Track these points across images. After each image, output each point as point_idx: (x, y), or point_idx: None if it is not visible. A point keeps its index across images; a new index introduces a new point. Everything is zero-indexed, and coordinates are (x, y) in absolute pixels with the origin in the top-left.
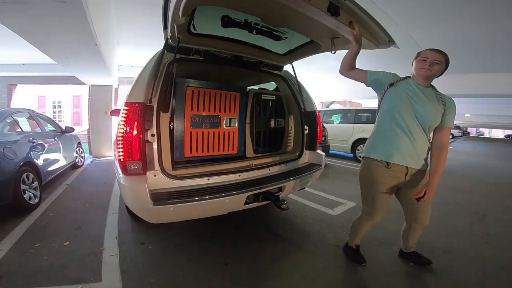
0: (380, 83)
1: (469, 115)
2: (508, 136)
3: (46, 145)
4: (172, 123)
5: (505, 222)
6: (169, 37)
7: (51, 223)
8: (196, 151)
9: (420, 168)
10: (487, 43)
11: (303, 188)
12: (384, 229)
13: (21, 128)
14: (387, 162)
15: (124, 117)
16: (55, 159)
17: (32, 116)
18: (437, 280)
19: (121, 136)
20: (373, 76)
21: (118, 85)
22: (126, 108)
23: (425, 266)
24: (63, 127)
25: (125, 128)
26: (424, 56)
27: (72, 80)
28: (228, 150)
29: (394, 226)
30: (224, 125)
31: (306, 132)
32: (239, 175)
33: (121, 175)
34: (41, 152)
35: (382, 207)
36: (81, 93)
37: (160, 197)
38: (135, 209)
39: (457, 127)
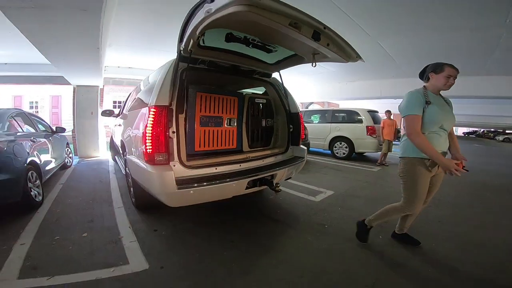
0: (422, 107)
1: None
2: (465, 133)
3: (43, 145)
4: (186, 122)
5: (455, 206)
6: (182, 49)
7: (62, 218)
8: (204, 146)
9: None
10: (445, 49)
11: (289, 178)
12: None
13: (21, 128)
14: (428, 159)
15: (153, 117)
16: (51, 158)
17: (27, 116)
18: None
19: (151, 133)
20: (420, 111)
21: (104, 86)
22: (154, 110)
23: (415, 246)
24: (54, 128)
25: (154, 126)
26: (449, 74)
27: (54, 80)
28: (229, 145)
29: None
30: (225, 124)
31: (291, 130)
32: (240, 165)
33: (147, 166)
34: (40, 152)
35: (423, 198)
36: (59, 93)
37: (181, 183)
38: (160, 193)
39: None
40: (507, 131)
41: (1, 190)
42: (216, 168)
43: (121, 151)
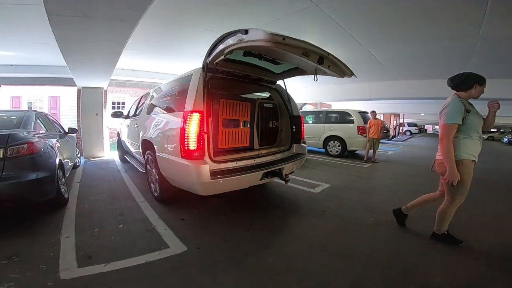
0: (462, 116)
1: (423, 114)
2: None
3: (63, 145)
4: (212, 124)
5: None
6: (208, 62)
7: (93, 213)
8: (225, 144)
9: None
10: (427, 56)
11: (291, 172)
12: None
13: (46, 129)
14: (474, 161)
15: (192, 120)
16: (69, 158)
17: (46, 117)
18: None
19: (189, 133)
20: (460, 120)
21: (107, 87)
22: (192, 114)
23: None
24: (66, 128)
25: (192, 128)
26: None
27: (58, 81)
28: (243, 143)
29: None
30: (241, 126)
31: (293, 130)
32: (254, 160)
33: (185, 161)
34: (62, 151)
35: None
36: (58, 94)
37: (212, 174)
38: (196, 183)
39: (414, 125)
40: (491, 130)
41: (43, 186)
42: (236, 163)
43: (140, 150)
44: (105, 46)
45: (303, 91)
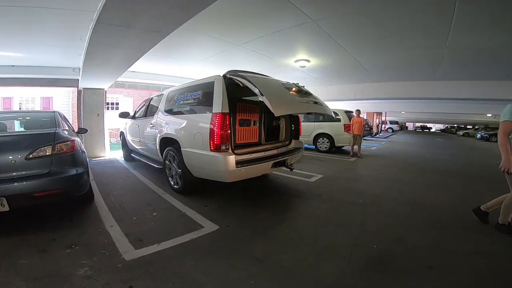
0: None
1: (403, 112)
2: (420, 127)
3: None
4: (232, 123)
5: (410, 183)
6: (226, 73)
7: (123, 205)
8: (241, 139)
9: None
10: (405, 62)
11: (293, 163)
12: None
13: (71, 128)
14: None
15: (219, 120)
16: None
17: (64, 117)
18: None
19: (218, 130)
20: None
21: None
22: (220, 115)
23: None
24: (76, 128)
25: (220, 126)
26: None
27: (58, 82)
28: (254, 139)
29: None
30: (252, 124)
31: (293, 128)
32: (264, 153)
33: (214, 154)
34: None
35: None
36: (51, 95)
37: (237, 163)
38: (224, 171)
39: (396, 123)
40: (467, 127)
41: (81, 181)
42: (251, 155)
43: (157, 148)
44: (131, 52)
45: None
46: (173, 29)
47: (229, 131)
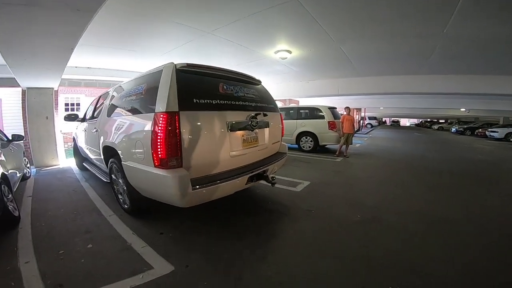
0: None
1: (382, 108)
2: (393, 122)
3: (7, 155)
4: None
5: (407, 187)
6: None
7: (52, 231)
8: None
9: None
10: (391, 53)
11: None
12: None
13: None
14: None
15: (165, 123)
16: (16, 169)
17: None
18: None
19: (164, 137)
20: None
21: (58, 88)
22: (166, 115)
23: None
24: (9, 135)
25: (167, 131)
26: None
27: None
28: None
29: None
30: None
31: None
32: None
33: (160, 171)
34: (6, 163)
35: None
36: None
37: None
38: (174, 195)
39: (374, 118)
40: (440, 121)
41: None
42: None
43: (102, 157)
44: (57, 40)
45: (273, 87)
46: (97, 6)
47: (178, 138)
